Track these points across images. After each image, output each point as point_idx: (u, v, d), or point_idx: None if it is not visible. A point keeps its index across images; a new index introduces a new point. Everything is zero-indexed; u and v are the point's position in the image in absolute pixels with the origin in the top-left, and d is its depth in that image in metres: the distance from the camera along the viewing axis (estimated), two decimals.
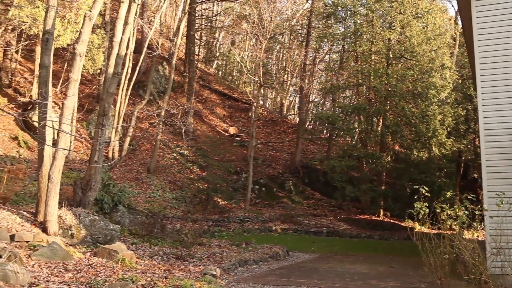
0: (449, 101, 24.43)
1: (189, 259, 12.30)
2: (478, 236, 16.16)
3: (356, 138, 31.45)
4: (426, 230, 9.94)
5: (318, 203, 27.17)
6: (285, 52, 43.44)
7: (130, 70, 25.13)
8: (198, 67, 39.28)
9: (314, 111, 42.65)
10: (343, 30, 28.70)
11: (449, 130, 24.32)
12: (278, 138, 35.24)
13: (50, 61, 12.58)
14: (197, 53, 40.13)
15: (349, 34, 27.32)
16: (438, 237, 8.47)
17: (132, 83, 25.27)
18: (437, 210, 8.46)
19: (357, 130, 27.75)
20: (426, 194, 8.59)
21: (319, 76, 36.25)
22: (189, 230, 16.02)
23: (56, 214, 11.57)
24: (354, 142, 31.99)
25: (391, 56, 25.76)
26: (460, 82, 26.80)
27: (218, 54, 49.16)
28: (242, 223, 22.18)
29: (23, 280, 7.41)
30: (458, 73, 27.16)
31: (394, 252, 17.21)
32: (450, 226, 8.56)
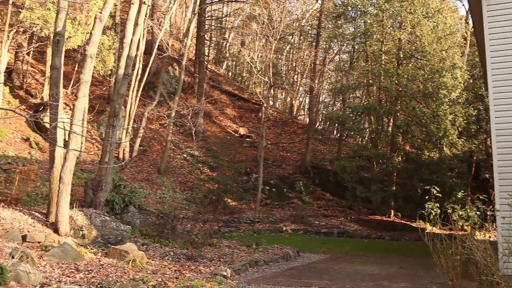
0: (460, 101, 24.22)
1: (199, 260, 12.31)
2: (490, 236, 16.12)
3: (366, 139, 31.32)
4: (437, 230, 9.88)
5: (328, 204, 27.12)
6: (295, 52, 43.35)
7: (140, 71, 25.28)
8: (208, 68, 39.36)
9: (324, 112, 42.59)
10: (353, 30, 28.56)
11: (460, 130, 24.14)
12: (288, 139, 35.21)
13: (61, 62, 12.70)
14: (207, 54, 40.17)
15: (359, 34, 27.22)
16: (450, 237, 8.41)
17: (142, 84, 25.39)
18: (448, 211, 8.40)
19: (367, 130, 27.59)
20: (437, 194, 8.52)
21: (329, 76, 36.13)
22: (199, 231, 16.03)
23: (67, 214, 11.65)
24: (364, 143, 31.84)
25: (402, 56, 25.64)
26: (471, 81, 26.59)
27: (228, 55, 49.23)
28: (253, 224, 22.16)
29: (35, 280, 7.48)
30: (469, 72, 26.92)
31: (405, 253, 17.11)
32: (461, 227, 8.50)
